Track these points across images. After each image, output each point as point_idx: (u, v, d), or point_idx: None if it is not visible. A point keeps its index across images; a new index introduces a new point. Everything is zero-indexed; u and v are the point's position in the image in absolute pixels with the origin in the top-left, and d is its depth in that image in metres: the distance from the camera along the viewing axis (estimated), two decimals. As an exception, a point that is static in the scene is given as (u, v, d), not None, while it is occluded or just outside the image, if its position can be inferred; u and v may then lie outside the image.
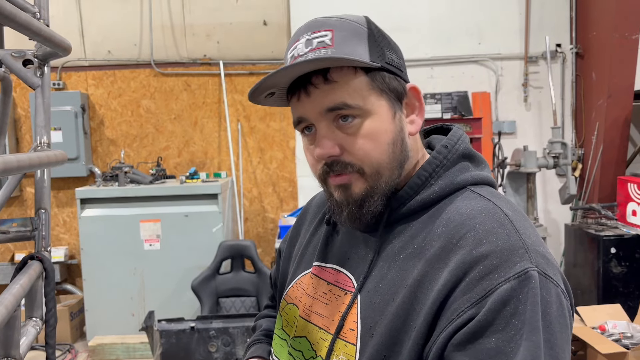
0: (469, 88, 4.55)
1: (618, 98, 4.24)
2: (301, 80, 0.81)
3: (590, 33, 4.50)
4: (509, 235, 0.74)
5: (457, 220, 0.79)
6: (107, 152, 4.84)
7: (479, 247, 0.74)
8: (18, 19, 0.84)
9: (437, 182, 0.84)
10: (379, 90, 0.82)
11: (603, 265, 3.61)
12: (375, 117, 0.81)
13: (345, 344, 0.84)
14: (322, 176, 0.85)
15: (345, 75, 0.80)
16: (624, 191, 3.84)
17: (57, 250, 4.65)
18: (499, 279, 0.70)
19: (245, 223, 4.87)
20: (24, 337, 1.03)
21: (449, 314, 0.72)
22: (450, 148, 0.87)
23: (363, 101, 0.80)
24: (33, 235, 1.15)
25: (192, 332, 3.15)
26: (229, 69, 4.78)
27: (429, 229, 0.81)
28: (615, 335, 2.89)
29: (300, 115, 0.84)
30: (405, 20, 4.68)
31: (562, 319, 0.72)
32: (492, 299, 0.69)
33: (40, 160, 0.94)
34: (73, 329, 4.34)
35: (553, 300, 0.71)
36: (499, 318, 0.69)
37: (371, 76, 0.82)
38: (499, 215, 0.78)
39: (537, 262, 0.72)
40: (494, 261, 0.72)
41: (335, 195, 0.85)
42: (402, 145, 0.84)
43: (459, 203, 0.82)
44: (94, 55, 4.80)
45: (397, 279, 0.80)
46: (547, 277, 0.72)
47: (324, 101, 0.80)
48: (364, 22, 0.85)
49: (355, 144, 0.81)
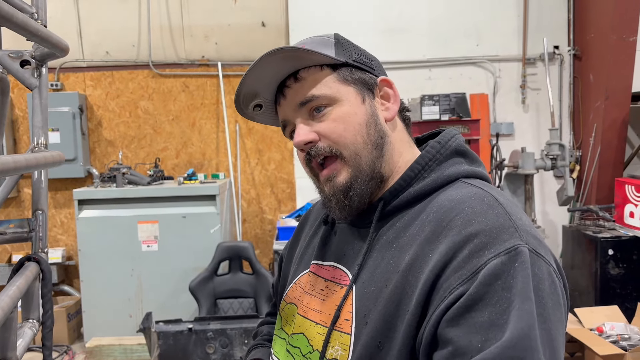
0: (467, 89, 4.56)
1: (615, 100, 4.25)
2: (279, 88, 0.90)
3: (587, 35, 4.51)
4: (498, 215, 0.75)
5: (447, 205, 0.80)
6: (105, 153, 4.83)
7: (468, 227, 0.74)
8: (15, 20, 0.84)
9: (429, 175, 0.87)
10: (345, 81, 0.88)
11: (601, 267, 3.62)
12: (343, 102, 0.87)
13: (340, 334, 0.84)
14: (313, 170, 0.90)
15: (312, 73, 0.87)
16: (621, 193, 3.84)
17: (55, 252, 4.64)
18: (489, 255, 0.70)
19: (243, 224, 4.87)
20: (21, 339, 1.02)
21: (440, 292, 0.72)
22: (444, 144, 0.89)
23: (329, 90, 0.87)
24: (30, 237, 1.15)
25: (190, 333, 3.14)
26: (227, 70, 4.78)
27: (421, 218, 0.83)
28: (612, 337, 2.89)
29: (283, 118, 0.92)
30: (403, 22, 4.69)
31: (554, 297, 0.71)
32: (482, 273, 0.69)
33: (37, 162, 0.94)
34: (70, 330, 4.33)
35: (545, 277, 0.71)
36: (490, 292, 0.68)
37: (337, 71, 0.88)
38: (489, 198, 0.79)
39: (528, 240, 0.72)
40: (483, 239, 0.72)
41: (327, 190, 0.89)
42: (376, 127, 0.88)
43: (450, 192, 0.83)
44: (92, 56, 4.79)
45: (390, 266, 0.81)
46: (538, 254, 0.72)
47: (295, 98, 0.88)
48: (332, 36, 0.92)
49: (327, 127, 0.86)
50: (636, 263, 3.61)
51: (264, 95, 0.91)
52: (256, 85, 0.89)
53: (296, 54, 0.85)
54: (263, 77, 0.88)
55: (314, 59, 0.86)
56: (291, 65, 0.87)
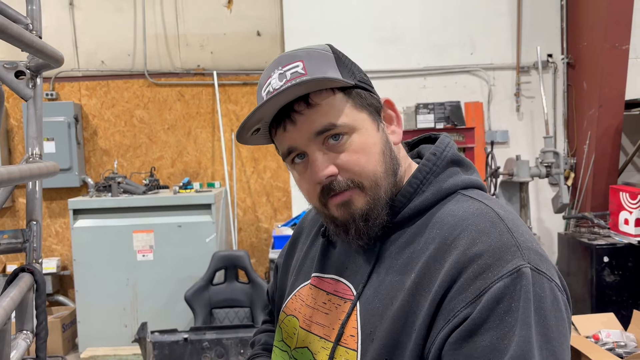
0: (462, 98, 4.58)
1: (609, 107, 4.27)
2: (283, 110, 0.83)
3: (581, 43, 4.54)
4: (501, 234, 0.76)
5: (450, 222, 0.81)
6: (100, 162, 4.83)
7: (473, 247, 0.76)
8: (10, 31, 0.85)
9: (428, 188, 0.87)
10: (359, 106, 0.85)
11: (596, 274, 3.63)
12: (361, 131, 0.84)
13: (346, 351, 0.85)
14: (321, 200, 0.85)
15: (325, 97, 0.82)
16: (616, 200, 3.86)
17: (50, 261, 4.62)
18: (492, 277, 0.72)
19: (239, 233, 4.86)
20: (15, 351, 1.02)
21: (445, 313, 0.74)
22: (439, 155, 0.89)
23: (347, 118, 0.83)
24: (24, 247, 1.14)
25: (186, 343, 3.13)
26: (223, 79, 4.79)
27: (423, 234, 0.83)
28: (609, 345, 2.89)
29: (290, 145, 0.85)
30: (398, 31, 4.71)
31: (557, 313, 0.73)
32: (485, 297, 0.71)
33: (31, 172, 0.94)
34: (65, 341, 4.30)
35: (547, 294, 0.73)
36: (493, 316, 0.70)
37: (348, 94, 0.84)
38: (491, 215, 0.80)
39: (530, 258, 0.74)
40: (487, 260, 0.74)
41: (338, 215, 0.85)
42: (392, 154, 0.87)
43: (452, 206, 0.84)
44: (88, 66, 4.79)
45: (395, 283, 0.81)
46: (540, 272, 0.74)
47: (311, 125, 0.82)
48: (328, 49, 0.87)
49: (349, 160, 0.82)
50: (631, 270, 3.62)
51: (267, 119, 0.86)
52: (264, 114, 0.83)
53: (315, 83, 0.80)
54: (276, 103, 0.82)
55: (326, 84, 0.82)
56: (302, 90, 0.81)
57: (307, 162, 0.85)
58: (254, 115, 0.82)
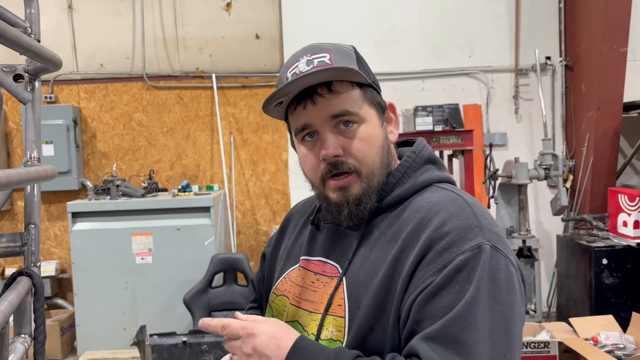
0: (460, 100, 4.58)
1: (607, 110, 4.28)
2: (307, 91, 0.95)
3: (579, 46, 4.55)
4: (467, 217, 0.90)
5: (426, 207, 0.95)
6: (99, 165, 4.82)
7: (443, 226, 0.89)
8: (8, 35, 0.85)
9: (408, 180, 1.01)
10: (370, 102, 0.99)
11: (595, 277, 3.63)
12: (368, 123, 0.97)
13: (334, 318, 0.96)
14: (323, 177, 0.97)
15: (345, 87, 0.96)
16: (614, 202, 3.86)
17: (48, 265, 4.61)
18: (457, 252, 0.86)
19: (238, 236, 4.85)
20: (12, 354, 1.02)
21: (415, 281, 0.87)
22: (418, 153, 1.03)
23: (360, 109, 0.96)
24: (22, 251, 1.14)
25: (184, 346, 3.12)
26: (222, 82, 4.79)
27: (403, 217, 0.96)
28: (608, 347, 2.89)
29: (306, 122, 0.97)
30: (397, 33, 4.72)
31: (509, 283, 0.86)
32: (449, 267, 0.85)
33: (29, 176, 0.94)
34: (64, 344, 4.30)
35: (501, 268, 0.86)
36: (453, 282, 0.84)
37: (363, 91, 0.98)
38: (460, 202, 0.94)
39: (490, 238, 0.88)
40: (454, 237, 0.88)
41: (333, 197, 0.98)
42: (389, 149, 1.02)
43: (427, 195, 0.98)
44: (86, 69, 4.80)
45: (379, 258, 0.94)
46: (498, 250, 0.88)
47: (330, 109, 0.95)
48: (352, 49, 1.02)
49: (355, 146, 0.96)
50: (630, 272, 3.62)
51: (291, 96, 0.96)
52: (292, 89, 0.94)
53: (348, 73, 0.94)
54: (309, 81, 0.93)
55: (351, 75, 0.95)
56: (331, 76, 0.94)
57: (316, 141, 0.97)
58: (283, 89, 0.93)
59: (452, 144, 4.01)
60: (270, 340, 0.87)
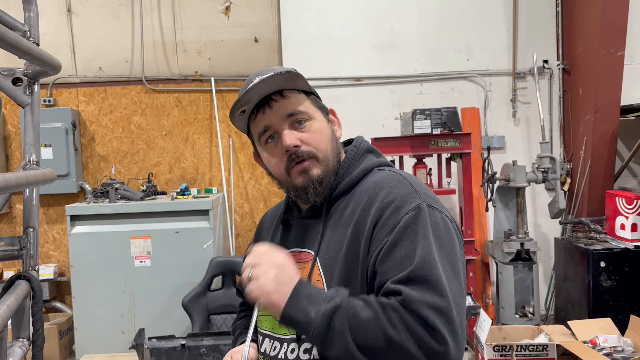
0: (458, 104, 4.59)
1: (605, 113, 4.29)
2: (264, 99, 1.16)
3: (576, 49, 4.57)
4: (405, 187, 1.12)
5: (372, 186, 1.16)
6: (98, 168, 4.83)
7: (388, 197, 1.10)
8: (7, 39, 0.85)
9: (354, 169, 1.21)
10: (315, 105, 1.22)
11: (593, 279, 3.63)
12: (317, 120, 1.20)
13: None
14: (287, 167, 1.17)
15: (294, 93, 1.18)
16: (612, 205, 3.87)
17: (47, 268, 4.61)
18: (402, 213, 1.06)
19: (237, 239, 4.85)
20: (11, 358, 1.02)
21: (374, 243, 1.07)
22: (358, 147, 1.26)
23: (308, 110, 1.19)
24: (21, 255, 1.14)
25: (183, 349, 3.12)
26: (221, 85, 4.80)
27: (355, 199, 1.17)
28: (606, 350, 2.89)
29: (267, 124, 1.18)
30: (394, 37, 4.73)
31: (448, 231, 1.08)
32: (398, 226, 1.05)
33: (28, 180, 0.94)
34: (62, 348, 4.29)
35: (439, 221, 1.08)
36: (404, 236, 1.04)
37: (308, 96, 1.21)
38: (398, 177, 1.16)
39: (425, 199, 1.09)
40: (397, 203, 1.08)
41: (298, 181, 1.17)
42: (337, 142, 1.23)
43: (372, 177, 1.20)
44: (85, 72, 4.80)
45: (341, 235, 1.14)
46: (434, 207, 1.09)
47: (284, 110, 1.17)
48: (294, 70, 1.19)
49: (309, 137, 1.17)
50: (628, 275, 3.63)
51: (252, 104, 1.17)
52: (250, 97, 1.15)
53: (294, 77, 1.15)
54: (263, 89, 1.14)
55: (300, 84, 1.18)
56: (282, 84, 1.16)
57: (277, 142, 1.17)
58: (246, 95, 1.13)
59: (450, 147, 4.01)
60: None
